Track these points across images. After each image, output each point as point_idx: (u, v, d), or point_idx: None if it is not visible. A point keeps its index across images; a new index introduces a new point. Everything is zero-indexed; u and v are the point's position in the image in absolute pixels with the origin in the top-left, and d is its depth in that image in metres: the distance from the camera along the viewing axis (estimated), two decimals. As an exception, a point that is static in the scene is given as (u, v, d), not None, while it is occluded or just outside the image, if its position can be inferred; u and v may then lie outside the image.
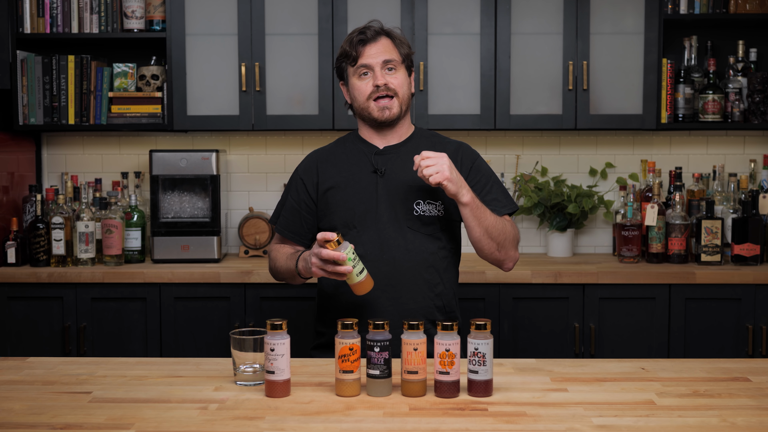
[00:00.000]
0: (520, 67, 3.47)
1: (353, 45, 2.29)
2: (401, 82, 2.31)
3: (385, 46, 2.30)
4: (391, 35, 2.33)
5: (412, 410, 1.71)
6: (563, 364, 2.04)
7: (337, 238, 2.02)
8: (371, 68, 2.28)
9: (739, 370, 1.99)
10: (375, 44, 2.29)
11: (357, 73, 2.30)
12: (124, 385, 1.89)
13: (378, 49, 2.29)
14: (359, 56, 2.29)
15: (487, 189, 2.34)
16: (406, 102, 2.33)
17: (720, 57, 3.67)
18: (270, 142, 3.79)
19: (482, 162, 2.39)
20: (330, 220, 2.35)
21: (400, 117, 2.33)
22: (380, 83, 2.27)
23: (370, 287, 2.10)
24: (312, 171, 2.40)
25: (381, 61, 2.28)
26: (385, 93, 2.29)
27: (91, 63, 3.53)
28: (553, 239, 3.62)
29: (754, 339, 3.24)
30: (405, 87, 2.32)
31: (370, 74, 2.29)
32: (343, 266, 2.03)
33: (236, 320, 3.28)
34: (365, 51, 2.28)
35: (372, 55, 2.28)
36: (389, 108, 2.29)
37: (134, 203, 3.50)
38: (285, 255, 2.35)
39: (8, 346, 3.28)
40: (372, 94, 2.29)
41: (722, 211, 3.49)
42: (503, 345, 3.23)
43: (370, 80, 2.29)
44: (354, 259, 2.04)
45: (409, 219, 2.30)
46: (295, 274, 2.27)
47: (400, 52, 2.32)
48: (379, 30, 2.31)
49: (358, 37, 2.29)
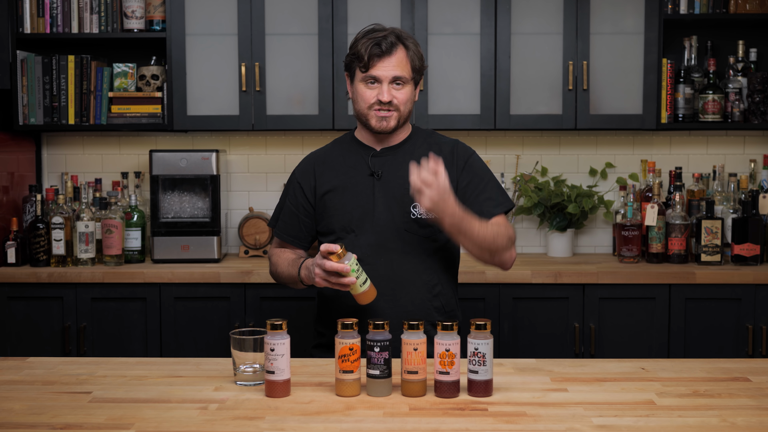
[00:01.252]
0: (520, 67, 3.47)
1: (367, 52, 2.26)
2: (406, 98, 2.29)
3: (399, 61, 2.27)
4: (407, 47, 2.30)
5: (412, 410, 1.72)
6: (563, 364, 2.04)
7: (340, 251, 2.02)
8: (380, 81, 2.27)
9: (739, 370, 1.99)
10: (389, 58, 2.26)
11: (365, 80, 2.28)
12: (124, 385, 1.89)
13: (391, 63, 2.26)
14: (370, 67, 2.26)
15: (481, 188, 2.32)
16: (406, 115, 2.33)
17: (720, 57, 3.67)
18: (270, 142, 3.79)
19: (476, 159, 2.38)
20: (328, 223, 2.35)
21: (397, 128, 2.32)
22: (385, 100, 2.26)
23: (373, 297, 2.10)
24: (309, 174, 2.40)
25: (391, 77, 2.26)
26: (387, 108, 2.28)
27: (91, 63, 3.53)
28: (553, 239, 3.62)
29: (754, 339, 3.24)
30: (408, 102, 2.31)
31: (377, 86, 2.28)
32: (347, 278, 2.04)
33: (236, 320, 3.28)
34: (378, 64, 2.26)
35: (384, 69, 2.26)
36: (387, 120, 2.29)
37: (134, 203, 3.50)
38: (286, 261, 2.35)
39: (8, 346, 3.28)
40: (374, 105, 2.28)
41: (722, 211, 3.49)
42: (503, 345, 3.23)
43: (376, 91, 2.27)
44: (357, 270, 2.04)
45: (407, 222, 2.30)
46: (297, 280, 2.28)
47: (411, 67, 2.29)
48: (395, 41, 2.27)
49: (373, 49, 2.25)
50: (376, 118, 2.29)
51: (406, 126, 2.39)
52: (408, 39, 2.31)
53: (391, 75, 2.26)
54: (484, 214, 2.26)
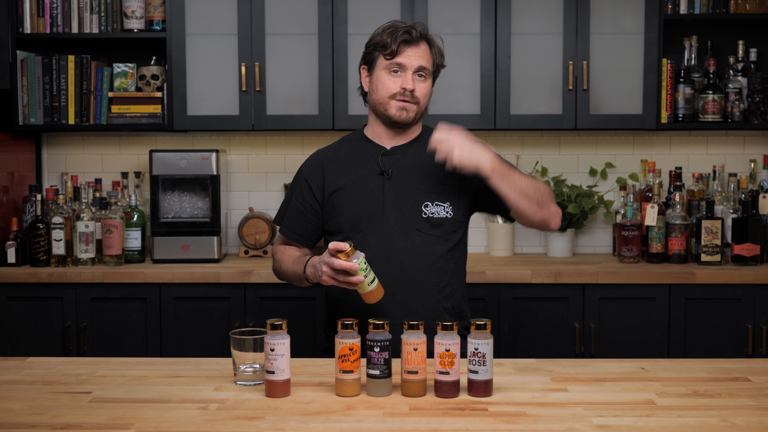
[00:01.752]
0: (520, 67, 3.47)
1: (396, 40, 2.26)
2: (426, 91, 2.31)
3: (424, 52, 2.28)
4: (432, 43, 2.31)
5: (412, 410, 1.71)
6: (563, 364, 2.04)
7: (349, 249, 2.01)
8: (405, 69, 2.26)
9: (739, 370, 1.99)
10: (417, 47, 2.27)
11: (389, 68, 2.27)
12: (124, 385, 1.89)
13: (418, 53, 2.27)
14: (398, 54, 2.26)
15: None
16: (423, 110, 2.33)
17: (720, 57, 3.67)
18: (270, 142, 3.79)
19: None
20: (336, 222, 2.33)
21: (413, 122, 2.33)
22: (409, 87, 2.26)
23: (380, 296, 2.09)
24: (317, 172, 2.37)
25: (416, 66, 2.27)
26: (410, 98, 2.28)
27: (91, 63, 3.53)
28: (553, 239, 3.62)
29: (754, 339, 3.24)
30: (427, 97, 2.32)
31: (401, 74, 2.27)
32: (355, 276, 2.02)
33: (236, 320, 3.28)
34: (406, 51, 2.26)
35: (411, 57, 2.26)
36: (407, 110, 2.28)
37: (134, 203, 3.50)
38: (291, 258, 2.33)
39: (8, 346, 3.28)
40: (396, 94, 2.27)
41: (722, 211, 3.49)
42: (503, 345, 3.23)
43: (399, 80, 2.27)
44: (366, 269, 2.03)
45: (418, 221, 2.28)
46: (302, 278, 2.25)
47: (434, 62, 2.31)
48: (424, 33, 2.29)
49: (403, 36, 2.26)
50: (396, 107, 2.28)
51: (418, 123, 2.38)
52: (433, 37, 2.33)
53: (417, 64, 2.26)
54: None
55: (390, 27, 2.30)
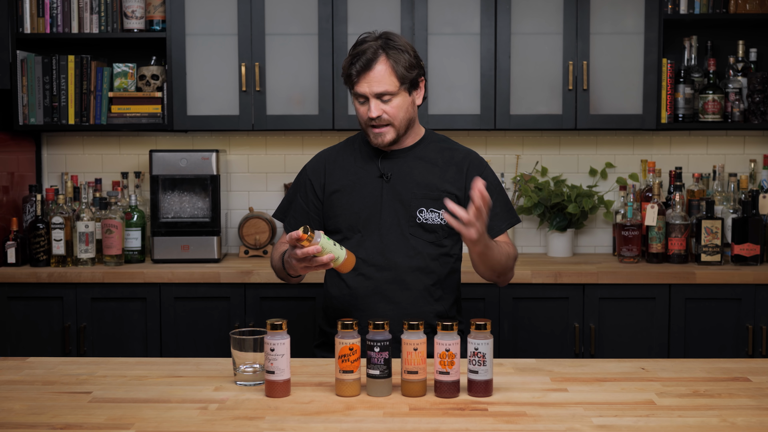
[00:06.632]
0: (520, 67, 3.47)
1: (347, 70, 2.23)
2: (397, 109, 2.24)
3: (380, 74, 2.21)
4: (388, 54, 2.22)
5: (412, 410, 1.72)
6: (563, 364, 2.04)
7: (307, 235, 1.98)
8: (367, 97, 2.24)
9: (739, 370, 1.99)
10: (370, 73, 2.21)
11: (356, 97, 2.27)
12: (124, 385, 1.89)
13: (375, 78, 2.21)
14: (356, 84, 2.23)
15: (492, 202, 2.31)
16: (404, 124, 2.29)
17: (720, 57, 3.67)
18: (270, 142, 3.79)
19: (489, 173, 2.36)
20: (335, 222, 2.34)
21: (397, 140, 2.30)
22: (374, 116, 2.23)
23: (353, 262, 2.10)
24: (320, 172, 2.39)
25: (374, 93, 2.22)
26: (380, 123, 2.25)
27: (91, 63, 3.53)
28: (553, 239, 3.62)
29: (754, 339, 3.24)
30: (402, 112, 2.26)
31: (366, 103, 2.25)
32: (323, 256, 2.02)
33: (236, 320, 3.28)
34: (362, 80, 2.22)
35: (366, 85, 2.22)
36: (382, 136, 2.27)
37: (134, 203, 3.50)
38: (278, 255, 2.33)
39: (8, 346, 3.28)
40: (369, 121, 2.26)
41: (722, 211, 3.49)
42: (503, 345, 3.23)
43: (366, 107, 2.25)
44: (331, 245, 2.03)
45: (412, 226, 2.30)
46: (287, 274, 2.27)
47: (398, 76, 2.22)
48: (374, 55, 2.21)
49: (351, 68, 2.22)
50: (372, 134, 2.28)
51: (415, 130, 2.36)
52: (393, 46, 2.23)
53: (374, 91, 2.22)
54: (491, 230, 2.23)
55: (351, 52, 2.25)
